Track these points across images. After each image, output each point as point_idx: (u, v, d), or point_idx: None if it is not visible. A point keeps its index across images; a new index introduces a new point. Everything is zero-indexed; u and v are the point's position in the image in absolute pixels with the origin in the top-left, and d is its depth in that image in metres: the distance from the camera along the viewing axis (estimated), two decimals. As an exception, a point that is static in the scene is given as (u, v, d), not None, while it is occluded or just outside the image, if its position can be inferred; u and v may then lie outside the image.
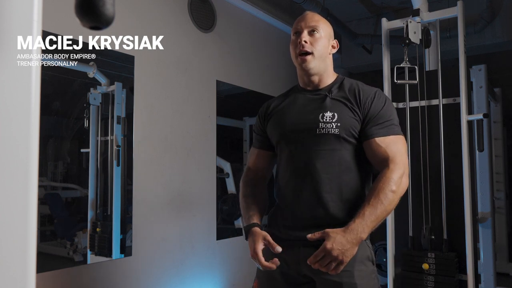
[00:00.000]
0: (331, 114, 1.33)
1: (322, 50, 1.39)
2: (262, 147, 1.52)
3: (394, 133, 1.33)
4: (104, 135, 2.41)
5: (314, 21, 1.40)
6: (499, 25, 3.80)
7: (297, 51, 1.38)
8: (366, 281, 1.31)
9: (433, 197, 2.52)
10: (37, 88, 0.57)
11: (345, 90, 1.38)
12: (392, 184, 1.24)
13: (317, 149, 1.33)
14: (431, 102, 2.58)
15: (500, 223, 4.34)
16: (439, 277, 2.34)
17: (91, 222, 2.34)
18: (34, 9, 0.57)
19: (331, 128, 1.31)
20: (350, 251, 1.18)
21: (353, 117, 1.33)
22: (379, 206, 1.21)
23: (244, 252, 3.37)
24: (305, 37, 1.37)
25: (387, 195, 1.22)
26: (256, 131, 1.55)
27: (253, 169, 1.52)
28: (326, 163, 1.32)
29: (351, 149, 1.34)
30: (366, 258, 1.34)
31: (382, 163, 1.29)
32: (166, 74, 2.69)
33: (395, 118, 1.36)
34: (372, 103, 1.34)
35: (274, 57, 3.75)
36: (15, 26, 0.56)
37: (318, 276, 1.33)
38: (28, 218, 0.56)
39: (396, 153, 1.29)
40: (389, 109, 1.36)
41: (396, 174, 1.26)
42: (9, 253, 0.55)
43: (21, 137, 0.56)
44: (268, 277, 1.42)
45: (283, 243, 1.37)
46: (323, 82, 1.42)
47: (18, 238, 0.55)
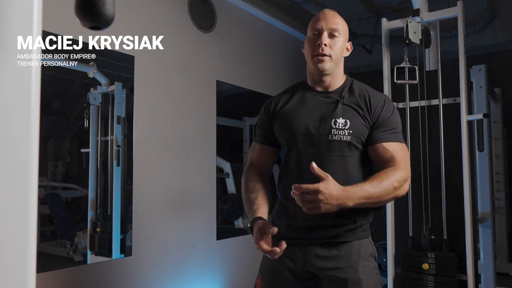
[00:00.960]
0: (344, 121, 1.34)
1: (339, 54, 1.40)
2: (265, 142, 1.50)
3: (400, 141, 1.37)
4: (104, 135, 2.41)
5: (335, 23, 1.38)
6: (499, 25, 3.80)
7: (315, 52, 1.37)
8: (370, 277, 1.35)
9: (433, 197, 2.52)
10: (37, 88, 0.57)
11: (355, 95, 1.39)
12: (396, 180, 1.26)
13: (328, 155, 1.34)
14: (431, 102, 2.58)
15: (500, 223, 4.34)
16: (439, 277, 2.34)
17: (91, 222, 2.34)
18: (34, 9, 0.57)
19: (343, 135, 1.33)
20: (330, 205, 1.16)
21: (363, 124, 1.35)
22: (378, 189, 1.22)
23: (244, 252, 3.37)
24: (326, 40, 1.36)
25: (388, 185, 1.24)
26: (261, 126, 1.51)
27: (256, 165, 1.50)
28: (336, 169, 1.32)
29: (358, 155, 1.36)
30: (370, 255, 1.38)
31: (389, 164, 1.31)
32: (166, 74, 2.69)
33: (400, 127, 1.40)
34: (382, 110, 1.37)
35: (274, 57, 3.75)
36: (15, 26, 0.56)
37: (323, 272, 1.35)
38: (28, 218, 0.56)
39: (402, 159, 1.32)
40: (396, 117, 1.40)
41: (402, 174, 1.28)
42: (9, 253, 0.55)
43: (21, 137, 0.56)
44: (272, 274, 1.43)
45: (288, 242, 1.38)
46: (334, 84, 1.43)
47: (18, 238, 0.55)
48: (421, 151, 2.56)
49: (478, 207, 3.75)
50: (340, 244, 1.35)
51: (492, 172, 3.90)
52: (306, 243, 1.36)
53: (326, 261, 1.35)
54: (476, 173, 3.73)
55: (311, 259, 1.36)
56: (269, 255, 1.24)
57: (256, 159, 1.51)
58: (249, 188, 1.43)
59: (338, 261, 1.34)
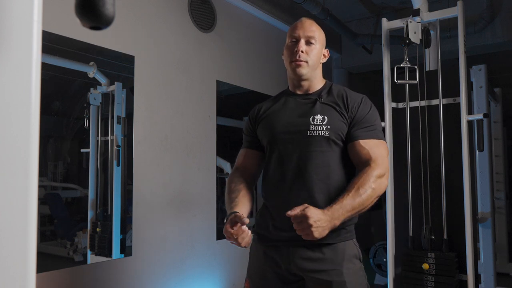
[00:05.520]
0: (322, 117, 1.38)
1: (315, 60, 1.45)
2: (250, 146, 1.54)
3: (378, 138, 1.39)
4: (104, 135, 2.41)
5: (311, 31, 1.45)
6: (499, 25, 3.80)
7: (293, 59, 1.44)
8: (355, 278, 1.36)
9: (433, 197, 2.52)
10: (37, 88, 0.57)
11: (333, 95, 1.44)
12: (372, 181, 1.28)
13: (307, 151, 1.37)
14: (431, 102, 2.58)
15: (500, 223, 4.35)
16: (439, 277, 2.34)
17: (91, 222, 2.34)
18: (34, 9, 0.57)
19: (321, 130, 1.37)
20: (322, 229, 1.19)
21: (341, 121, 1.39)
22: (357, 199, 1.25)
23: (244, 252, 3.36)
24: (302, 47, 1.43)
25: (366, 191, 1.26)
26: (246, 132, 1.58)
27: (240, 168, 1.54)
28: (316, 165, 1.36)
29: (339, 152, 1.39)
30: (354, 256, 1.39)
31: (364, 163, 1.34)
32: (166, 74, 2.69)
33: (379, 124, 1.43)
34: (359, 107, 1.40)
35: (274, 57, 3.75)
36: (15, 26, 0.56)
37: (308, 274, 1.36)
38: (28, 218, 0.56)
39: (378, 155, 1.35)
40: (374, 114, 1.43)
41: (377, 173, 1.30)
42: (9, 253, 0.55)
43: (21, 137, 0.56)
44: (260, 276, 1.45)
45: (273, 244, 1.40)
46: (313, 88, 1.48)
47: (18, 238, 0.55)
48: (421, 151, 2.56)
49: (478, 207, 3.75)
50: (325, 246, 1.35)
51: (492, 172, 3.90)
52: (290, 244, 1.37)
53: (310, 263, 1.35)
54: (476, 173, 3.73)
55: (295, 261, 1.37)
56: (233, 235, 1.24)
57: (240, 163, 1.55)
58: (231, 188, 1.45)
59: (323, 264, 1.34)
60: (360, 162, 1.36)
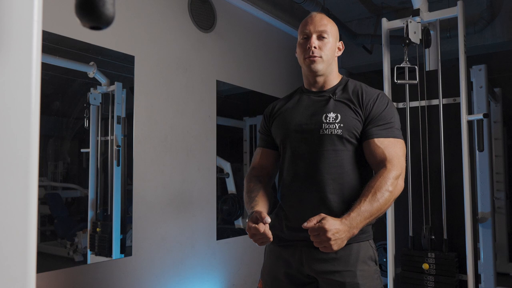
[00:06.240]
0: (334, 115, 1.34)
1: (330, 54, 1.41)
2: (266, 146, 1.53)
3: (394, 136, 1.34)
4: (104, 135, 2.41)
5: (323, 25, 1.40)
6: (499, 25, 3.80)
7: (306, 55, 1.39)
8: (369, 281, 1.31)
9: (433, 197, 2.52)
10: (37, 88, 0.57)
11: (349, 91, 1.40)
12: (389, 184, 1.24)
13: (320, 150, 1.34)
14: (431, 102, 2.58)
15: (500, 223, 4.35)
16: (439, 277, 2.34)
17: (91, 222, 2.34)
18: (34, 9, 0.57)
19: (334, 128, 1.33)
20: (341, 241, 1.16)
21: (355, 118, 1.34)
22: (375, 204, 1.20)
23: (244, 252, 3.37)
24: (315, 43, 1.38)
25: (383, 194, 1.22)
26: (261, 131, 1.56)
27: (257, 167, 1.52)
28: (329, 164, 1.33)
29: (353, 150, 1.35)
30: (369, 258, 1.34)
31: (379, 164, 1.30)
32: (166, 74, 2.69)
33: (397, 122, 1.37)
34: (374, 104, 1.35)
35: (274, 57, 3.75)
36: (15, 26, 0.56)
37: (321, 276, 1.33)
38: (28, 218, 0.56)
39: (393, 155, 1.29)
40: (391, 111, 1.37)
41: (393, 174, 1.26)
42: (9, 253, 0.54)
43: (21, 137, 0.56)
44: (273, 278, 1.43)
45: (286, 243, 1.38)
46: (328, 84, 1.44)
47: (18, 238, 0.55)
48: (421, 151, 2.56)
49: (478, 207, 3.75)
50: None
51: (492, 172, 3.90)
52: (303, 244, 1.35)
53: (324, 264, 1.32)
54: (476, 173, 3.73)
55: (309, 262, 1.34)
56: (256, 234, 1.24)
57: (257, 162, 1.53)
58: (249, 188, 1.44)
59: (336, 264, 1.31)
60: (375, 162, 1.31)
